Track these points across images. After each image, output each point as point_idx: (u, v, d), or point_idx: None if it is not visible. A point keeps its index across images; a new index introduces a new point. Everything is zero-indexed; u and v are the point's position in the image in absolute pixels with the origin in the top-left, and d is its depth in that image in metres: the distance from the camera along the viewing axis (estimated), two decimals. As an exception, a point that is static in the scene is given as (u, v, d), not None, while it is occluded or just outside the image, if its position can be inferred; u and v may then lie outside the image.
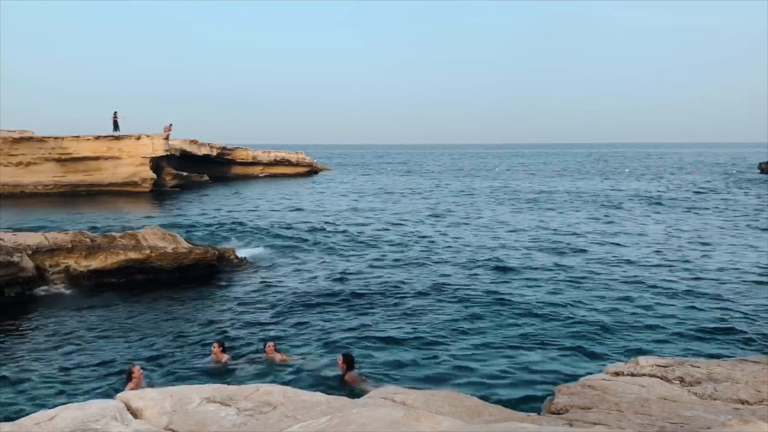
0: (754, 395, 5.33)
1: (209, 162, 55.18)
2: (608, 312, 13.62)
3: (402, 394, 5.11)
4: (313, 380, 9.64)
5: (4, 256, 14.63)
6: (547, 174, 69.84)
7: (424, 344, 11.63)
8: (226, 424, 4.22)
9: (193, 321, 13.36)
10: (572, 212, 32.67)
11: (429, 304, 14.37)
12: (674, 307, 14.04)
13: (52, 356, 11.13)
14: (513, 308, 14.00)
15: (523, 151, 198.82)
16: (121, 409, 4.46)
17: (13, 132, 42.51)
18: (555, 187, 49.52)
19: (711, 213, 31.91)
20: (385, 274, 17.73)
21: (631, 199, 39.02)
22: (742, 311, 13.59)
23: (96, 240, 16.98)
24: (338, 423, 3.62)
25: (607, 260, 19.45)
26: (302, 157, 66.02)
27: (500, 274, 17.65)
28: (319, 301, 14.71)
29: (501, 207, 35.80)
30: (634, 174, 67.76)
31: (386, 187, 51.40)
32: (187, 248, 17.53)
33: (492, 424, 4.34)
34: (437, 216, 31.34)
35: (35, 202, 37.68)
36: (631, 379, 5.91)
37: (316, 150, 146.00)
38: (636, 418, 4.81)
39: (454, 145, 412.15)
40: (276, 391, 4.78)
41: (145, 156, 43.54)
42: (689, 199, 38.97)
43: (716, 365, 6.17)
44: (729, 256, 20.04)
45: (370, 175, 71.50)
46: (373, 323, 12.95)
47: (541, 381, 9.77)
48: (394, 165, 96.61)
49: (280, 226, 27.71)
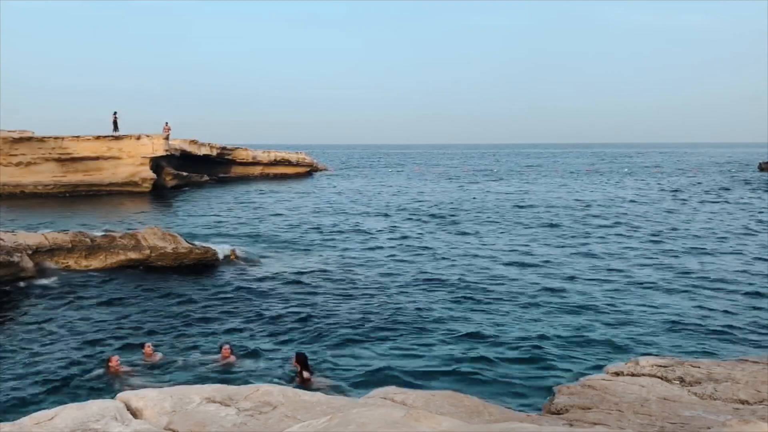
0: (754, 395, 5.33)
1: (209, 162, 55.14)
2: (608, 312, 13.63)
3: (402, 394, 5.10)
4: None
5: (4, 256, 14.64)
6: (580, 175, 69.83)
7: (424, 344, 11.64)
8: (226, 424, 4.22)
9: (194, 321, 13.35)
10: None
11: (429, 304, 14.37)
12: (674, 307, 14.05)
13: (52, 356, 11.12)
14: (513, 308, 14.00)
15: (529, 151, 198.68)
16: (121, 409, 4.46)
17: (13, 132, 42.48)
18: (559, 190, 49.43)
19: (711, 213, 31.91)
20: (386, 274, 17.72)
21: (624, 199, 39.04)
22: (742, 311, 13.60)
23: (96, 240, 16.99)
24: (338, 423, 3.62)
25: (607, 260, 19.45)
26: (302, 157, 66.00)
27: (500, 273, 17.65)
28: (319, 302, 14.71)
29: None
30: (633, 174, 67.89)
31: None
32: (187, 248, 17.54)
33: (492, 424, 4.34)
34: (442, 217, 31.34)
35: (35, 202, 37.68)
36: (631, 379, 5.91)
37: (316, 150, 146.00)
38: (636, 418, 4.81)
39: (456, 144, 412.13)
40: (276, 391, 4.78)
41: (145, 156, 43.51)
42: (688, 199, 38.98)
43: (716, 365, 6.16)
44: (729, 255, 20.05)
45: (384, 176, 71.43)
46: (372, 323, 12.94)
47: (541, 381, 9.78)
48: (407, 165, 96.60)
49: (281, 225, 27.72)
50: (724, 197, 40.22)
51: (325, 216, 31.18)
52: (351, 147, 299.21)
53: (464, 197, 41.77)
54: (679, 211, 32.53)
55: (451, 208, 34.62)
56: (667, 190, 45.91)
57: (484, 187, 50.60)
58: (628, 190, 46.44)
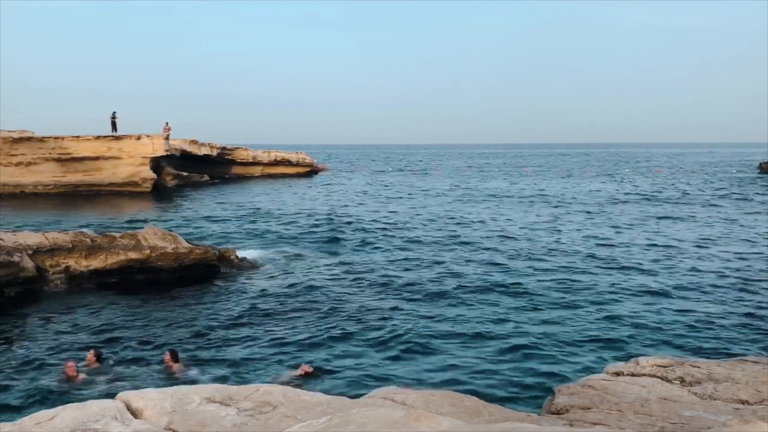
0: (754, 395, 5.33)
1: (209, 162, 55.17)
2: (608, 312, 13.63)
3: (402, 394, 5.10)
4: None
5: (4, 256, 14.63)
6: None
7: (424, 344, 11.63)
8: (227, 424, 4.22)
9: (194, 321, 13.35)
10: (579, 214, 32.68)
11: (429, 304, 14.37)
12: (675, 307, 14.05)
13: (52, 356, 11.12)
14: (512, 308, 14.01)
15: (536, 151, 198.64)
16: (121, 409, 4.46)
17: (13, 132, 42.49)
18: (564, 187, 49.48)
19: (712, 213, 31.90)
20: (385, 275, 17.72)
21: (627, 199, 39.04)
22: (742, 311, 13.60)
23: (96, 240, 16.98)
24: (338, 423, 3.62)
25: (608, 261, 19.45)
26: (302, 157, 66.02)
27: (499, 273, 17.65)
28: (319, 301, 14.71)
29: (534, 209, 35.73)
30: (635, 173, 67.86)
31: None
32: (187, 248, 17.52)
33: (492, 424, 4.34)
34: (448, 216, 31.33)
35: (35, 202, 37.68)
36: (631, 379, 5.90)
37: (316, 150, 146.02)
38: (636, 418, 4.81)
39: (458, 144, 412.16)
40: (276, 391, 4.78)
41: (146, 156, 43.52)
42: (689, 200, 38.97)
43: (716, 365, 6.16)
44: (730, 255, 20.04)
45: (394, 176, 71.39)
46: (373, 323, 12.94)
47: (541, 381, 9.78)
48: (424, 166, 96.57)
49: (281, 225, 27.72)
50: (723, 197, 40.21)
51: (325, 216, 31.16)
52: (351, 147, 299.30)
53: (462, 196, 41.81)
54: (679, 211, 32.52)
55: (446, 212, 34.62)
56: (666, 191, 45.90)
57: (484, 188, 50.63)
58: (626, 185, 46.44)
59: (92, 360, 10.51)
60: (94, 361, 10.49)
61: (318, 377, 9.96)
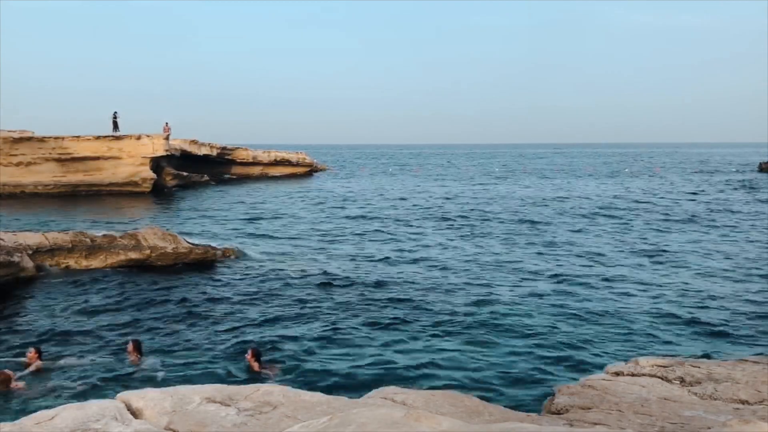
0: (754, 395, 5.33)
1: (209, 162, 55.17)
2: (609, 312, 13.62)
3: (402, 394, 5.10)
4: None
5: (4, 256, 14.64)
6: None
7: (424, 344, 11.63)
8: (227, 424, 4.22)
9: (194, 322, 13.34)
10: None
11: (428, 305, 14.36)
12: (675, 307, 14.04)
13: (51, 355, 11.11)
14: (512, 308, 14.00)
15: (538, 152, 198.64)
16: (121, 409, 4.46)
17: (13, 132, 42.48)
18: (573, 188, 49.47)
19: (711, 213, 31.90)
20: (384, 275, 17.73)
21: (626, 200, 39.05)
22: (742, 311, 13.59)
23: (96, 240, 16.99)
24: (338, 423, 3.62)
25: (608, 261, 19.45)
26: (302, 157, 66.01)
27: (499, 273, 17.65)
28: (319, 301, 14.70)
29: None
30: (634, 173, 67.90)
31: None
32: (187, 248, 17.55)
33: (492, 424, 4.34)
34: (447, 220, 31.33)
35: (35, 202, 37.67)
36: (631, 379, 5.91)
37: (316, 150, 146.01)
38: (636, 418, 4.81)
39: (460, 144, 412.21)
40: (276, 391, 4.79)
41: (146, 156, 43.51)
42: (689, 200, 38.98)
43: (716, 365, 6.16)
44: (730, 256, 20.04)
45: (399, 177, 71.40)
46: (372, 323, 12.94)
47: (541, 381, 9.78)
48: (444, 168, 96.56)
49: (281, 225, 27.72)
50: (724, 197, 40.21)
51: (325, 216, 31.17)
52: (352, 147, 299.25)
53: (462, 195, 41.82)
54: (679, 211, 32.52)
55: (443, 211, 34.64)
56: (668, 190, 45.91)
57: (484, 188, 50.63)
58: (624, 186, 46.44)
59: (33, 357, 10.35)
60: (36, 358, 10.34)
61: (276, 373, 10.11)
